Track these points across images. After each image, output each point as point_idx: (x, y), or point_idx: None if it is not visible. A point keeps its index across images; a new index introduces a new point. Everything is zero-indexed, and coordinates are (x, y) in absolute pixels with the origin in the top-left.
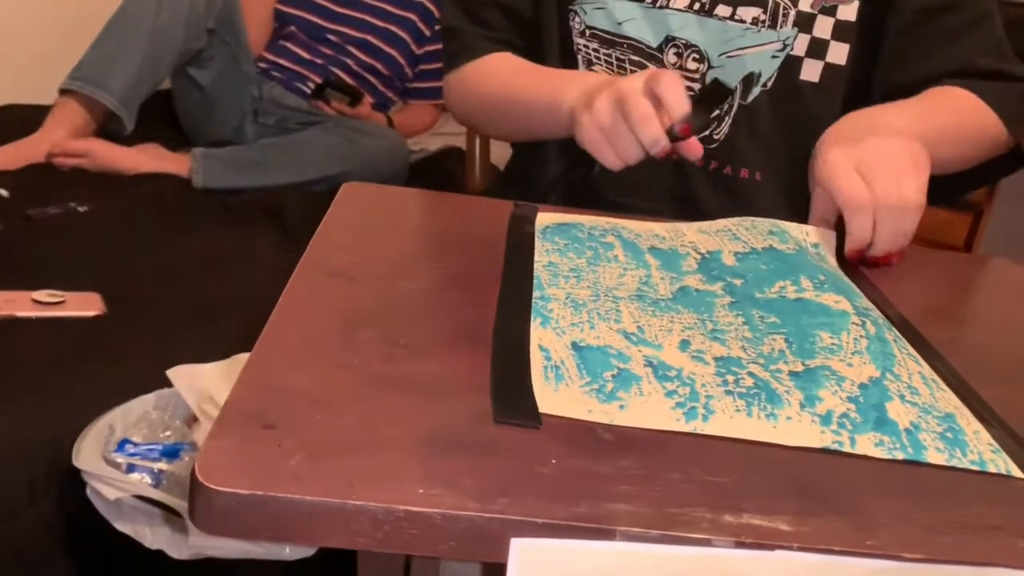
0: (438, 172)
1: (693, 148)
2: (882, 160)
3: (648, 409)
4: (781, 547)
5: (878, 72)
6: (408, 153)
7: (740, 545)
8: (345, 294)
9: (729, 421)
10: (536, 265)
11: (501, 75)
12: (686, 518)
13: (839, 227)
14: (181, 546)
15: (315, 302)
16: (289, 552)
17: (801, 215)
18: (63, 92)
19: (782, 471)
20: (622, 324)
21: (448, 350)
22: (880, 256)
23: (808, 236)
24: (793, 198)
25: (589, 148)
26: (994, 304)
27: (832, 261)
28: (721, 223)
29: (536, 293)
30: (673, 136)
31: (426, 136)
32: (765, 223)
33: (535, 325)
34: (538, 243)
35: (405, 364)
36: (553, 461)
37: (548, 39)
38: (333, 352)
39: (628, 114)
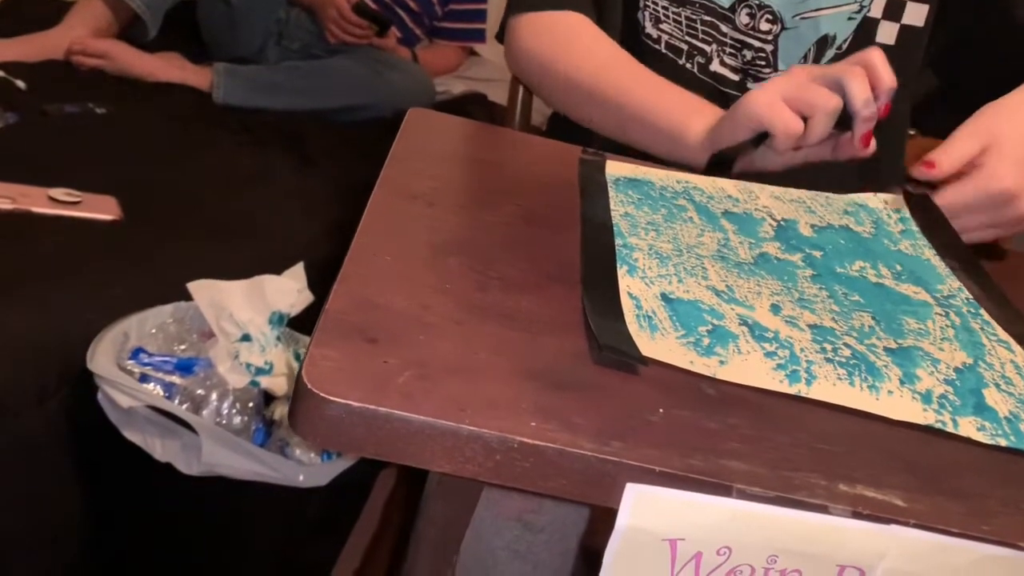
0: (460, 116)
1: (869, 137)
2: None
3: (749, 368)
4: (897, 522)
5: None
6: (434, 93)
7: (857, 516)
8: (428, 219)
9: (832, 388)
10: (613, 214)
11: (598, 64)
12: (800, 482)
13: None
14: (192, 461)
15: (400, 223)
16: (303, 479)
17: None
18: None
19: (887, 445)
20: (710, 281)
21: (537, 287)
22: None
23: (887, 203)
24: (862, 160)
25: (765, 116)
26: None
27: (913, 227)
28: (795, 193)
29: (618, 241)
30: None
31: (449, 78)
32: (840, 201)
33: (622, 273)
34: (611, 192)
35: (498, 295)
36: (661, 410)
37: None
38: (426, 275)
39: (837, 73)
